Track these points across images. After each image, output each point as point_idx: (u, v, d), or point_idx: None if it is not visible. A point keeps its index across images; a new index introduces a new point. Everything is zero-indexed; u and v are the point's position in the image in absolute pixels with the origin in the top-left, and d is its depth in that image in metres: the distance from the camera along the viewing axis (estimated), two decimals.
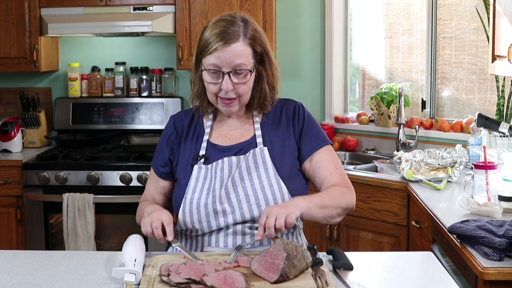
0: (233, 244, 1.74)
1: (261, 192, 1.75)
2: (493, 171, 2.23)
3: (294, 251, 1.51)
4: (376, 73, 3.91)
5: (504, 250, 1.74)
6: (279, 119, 1.88)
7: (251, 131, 1.86)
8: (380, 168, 3.31)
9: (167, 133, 1.92)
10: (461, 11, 3.43)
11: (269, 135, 1.84)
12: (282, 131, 1.86)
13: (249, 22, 1.79)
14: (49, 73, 4.10)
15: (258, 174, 1.77)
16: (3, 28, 3.70)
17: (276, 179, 1.76)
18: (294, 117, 1.87)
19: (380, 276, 1.62)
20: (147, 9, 3.64)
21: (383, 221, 2.95)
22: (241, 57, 1.72)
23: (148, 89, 4.04)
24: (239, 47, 1.73)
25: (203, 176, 1.79)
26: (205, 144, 1.84)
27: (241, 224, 1.74)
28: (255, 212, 1.74)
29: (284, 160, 1.81)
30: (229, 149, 1.83)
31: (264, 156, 1.79)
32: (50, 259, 1.70)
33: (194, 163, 1.82)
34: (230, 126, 1.88)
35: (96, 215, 3.35)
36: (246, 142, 1.84)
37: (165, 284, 1.46)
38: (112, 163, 3.44)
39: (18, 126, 3.77)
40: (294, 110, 1.89)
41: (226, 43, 1.71)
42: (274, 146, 1.82)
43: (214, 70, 1.73)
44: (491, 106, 3.26)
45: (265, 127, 1.86)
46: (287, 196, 1.76)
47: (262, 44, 1.79)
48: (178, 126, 1.91)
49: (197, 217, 1.75)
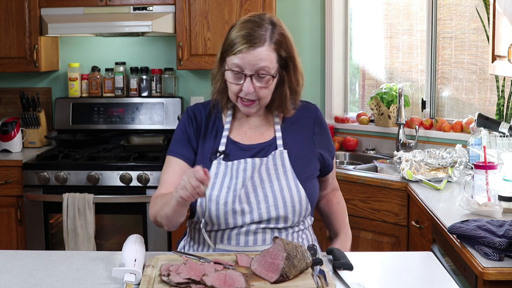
0: (245, 242, 1.75)
1: (280, 194, 1.77)
2: (493, 171, 2.23)
3: (294, 251, 1.51)
4: (376, 73, 3.91)
5: (504, 250, 1.74)
6: (299, 121, 1.89)
7: (271, 132, 1.87)
8: (380, 168, 3.31)
9: (187, 123, 1.89)
10: (461, 11, 3.43)
11: (289, 138, 1.86)
12: (301, 134, 1.88)
13: (277, 25, 1.77)
14: (49, 73, 4.10)
15: (277, 176, 1.79)
16: (3, 28, 3.70)
17: (295, 182, 1.79)
18: (316, 123, 1.91)
19: (380, 276, 1.62)
20: (147, 9, 3.64)
21: (383, 221, 2.95)
22: (265, 61, 1.72)
23: (148, 89, 4.04)
24: (264, 51, 1.72)
25: (223, 173, 1.79)
26: (225, 140, 1.84)
27: (256, 224, 1.76)
28: (272, 213, 1.75)
29: (302, 164, 1.83)
30: (249, 148, 1.83)
31: (283, 159, 1.81)
32: (50, 259, 1.70)
33: (213, 158, 1.81)
34: (249, 125, 1.88)
35: (96, 215, 3.35)
36: (266, 143, 1.84)
37: (165, 284, 1.46)
38: (112, 163, 3.44)
39: (18, 126, 3.77)
40: (316, 115, 1.92)
41: (251, 46, 1.70)
42: (293, 149, 1.84)
43: (236, 71, 1.73)
44: (491, 106, 3.26)
45: (285, 128, 1.87)
46: (304, 199, 1.79)
47: (288, 49, 1.77)
48: (198, 117, 1.90)
49: (215, 214, 1.75)
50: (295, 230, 1.82)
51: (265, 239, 1.76)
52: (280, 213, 1.76)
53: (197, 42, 3.67)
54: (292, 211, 1.77)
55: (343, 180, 3.10)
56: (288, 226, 1.79)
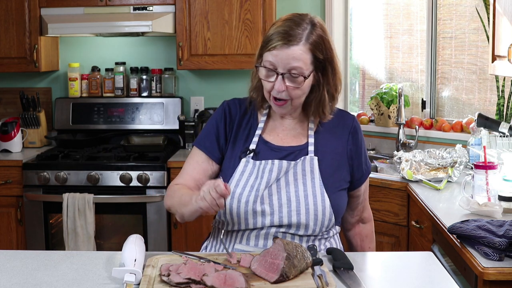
0: (263, 245, 1.73)
1: (304, 201, 1.73)
2: (493, 171, 2.23)
3: (294, 251, 1.51)
4: (376, 73, 3.91)
5: (504, 250, 1.74)
6: (335, 130, 1.84)
7: (304, 137, 1.82)
8: (380, 168, 3.31)
9: (220, 117, 1.86)
10: (461, 11, 3.43)
11: (322, 145, 1.81)
12: (335, 143, 1.83)
13: (316, 26, 1.74)
14: (49, 73, 4.10)
15: (304, 182, 1.75)
16: (3, 28, 3.70)
17: (321, 191, 1.74)
18: (351, 134, 1.85)
19: (380, 276, 1.62)
20: (147, 9, 3.64)
21: (383, 221, 2.95)
22: (298, 61, 1.68)
23: (148, 89, 4.04)
24: (298, 50, 1.68)
25: (249, 172, 1.77)
26: (257, 138, 1.81)
27: (276, 228, 1.73)
28: (294, 218, 1.72)
29: (332, 173, 1.79)
30: (279, 149, 1.80)
31: (313, 166, 1.76)
32: (50, 259, 1.70)
33: (243, 156, 1.79)
34: (283, 126, 1.84)
35: (96, 215, 3.35)
36: (298, 148, 1.81)
37: (165, 284, 1.46)
38: (112, 163, 3.44)
39: (18, 126, 3.77)
40: (352, 125, 1.86)
41: (286, 44, 1.68)
42: (325, 157, 1.79)
43: (269, 68, 1.71)
44: (491, 106, 3.26)
45: (319, 135, 1.82)
46: (328, 209, 1.74)
47: (327, 51, 1.73)
48: (232, 112, 1.87)
49: (236, 212, 1.73)
50: (317, 238, 1.77)
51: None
52: (301, 220, 1.72)
53: (197, 42, 3.67)
54: (314, 219, 1.73)
55: None
56: (308, 234, 1.74)
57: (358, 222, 1.98)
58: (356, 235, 1.98)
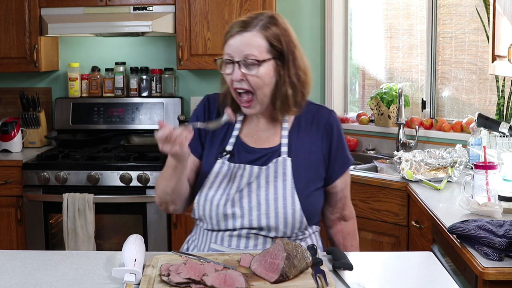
0: (237, 245, 1.75)
1: (273, 204, 1.73)
2: (493, 171, 2.23)
3: (294, 251, 1.51)
4: (376, 73, 3.91)
5: (504, 250, 1.74)
6: (310, 127, 1.82)
7: (278, 137, 1.81)
8: (380, 168, 3.31)
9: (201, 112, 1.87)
10: (461, 11, 3.43)
11: (296, 145, 1.80)
12: (309, 141, 1.81)
13: (275, 18, 1.75)
14: (49, 73, 4.10)
15: (275, 185, 1.75)
16: (3, 28, 3.70)
17: (292, 194, 1.74)
18: (326, 130, 1.82)
19: (380, 276, 1.62)
20: (147, 9, 3.64)
21: (383, 221, 2.95)
22: (251, 47, 1.69)
23: (148, 89, 4.04)
24: (251, 36, 1.69)
25: (223, 174, 1.77)
26: (234, 140, 1.82)
27: (247, 229, 1.75)
28: (263, 222, 1.73)
29: (305, 173, 1.78)
30: (254, 151, 1.80)
31: (285, 167, 1.76)
32: (50, 259, 1.70)
33: (219, 157, 1.79)
34: (257, 127, 1.84)
35: (96, 215, 3.35)
36: (271, 150, 1.79)
37: (165, 284, 1.46)
38: (112, 163, 3.44)
39: (18, 126, 3.77)
40: (328, 121, 1.83)
41: (240, 31, 1.70)
42: (298, 157, 1.78)
43: (228, 60, 1.72)
44: (491, 106, 3.26)
45: (293, 134, 1.81)
46: (298, 212, 1.74)
47: (287, 43, 1.73)
48: (211, 107, 1.86)
49: (208, 214, 1.76)
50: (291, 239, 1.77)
51: (257, 244, 1.75)
52: (271, 223, 1.73)
53: (197, 42, 3.67)
54: (284, 222, 1.73)
55: None
56: (280, 236, 1.75)
57: (339, 219, 1.95)
58: (338, 233, 1.95)
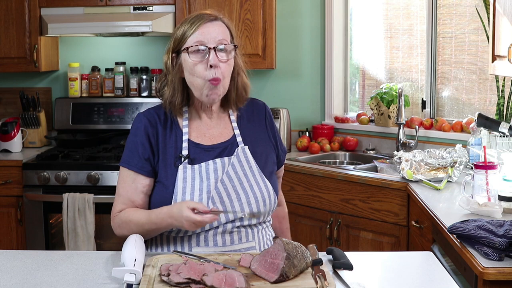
0: (222, 242, 1.76)
1: (250, 191, 1.79)
2: (493, 171, 2.22)
3: (294, 251, 1.51)
4: (376, 73, 3.91)
5: (504, 250, 1.74)
6: (252, 118, 1.93)
7: (230, 130, 1.88)
8: (380, 168, 3.31)
9: (142, 129, 1.82)
10: (461, 11, 3.43)
11: (247, 134, 1.88)
12: (257, 130, 1.92)
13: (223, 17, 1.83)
14: (49, 73, 4.10)
15: (244, 174, 1.81)
16: (3, 28, 3.70)
17: (261, 177, 1.83)
18: (267, 119, 1.95)
19: (380, 276, 1.62)
20: (147, 9, 3.64)
21: (383, 221, 2.95)
22: (222, 34, 1.77)
23: (148, 89, 4.04)
24: (220, 25, 1.78)
25: (191, 177, 1.77)
26: (186, 144, 1.81)
27: (231, 223, 1.76)
28: (246, 209, 1.78)
29: (264, 159, 1.87)
30: (212, 148, 1.83)
31: (246, 155, 1.84)
32: (50, 259, 1.70)
33: (178, 163, 1.79)
34: (206, 126, 1.87)
35: (96, 215, 3.35)
36: (228, 142, 1.85)
37: (165, 284, 1.46)
38: (112, 163, 3.44)
39: (18, 126, 3.77)
40: (266, 111, 1.96)
41: (209, 20, 1.76)
42: (253, 145, 1.87)
43: (200, 48, 1.74)
44: (491, 106, 3.26)
45: (241, 125, 1.90)
46: (272, 193, 1.83)
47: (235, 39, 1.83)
48: (152, 122, 1.83)
49: None
50: (264, 226, 1.86)
51: (241, 237, 1.78)
52: (254, 209, 1.79)
53: None
54: (264, 205, 1.81)
55: (343, 180, 3.10)
56: (260, 222, 1.83)
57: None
58: (274, 218, 2.04)
